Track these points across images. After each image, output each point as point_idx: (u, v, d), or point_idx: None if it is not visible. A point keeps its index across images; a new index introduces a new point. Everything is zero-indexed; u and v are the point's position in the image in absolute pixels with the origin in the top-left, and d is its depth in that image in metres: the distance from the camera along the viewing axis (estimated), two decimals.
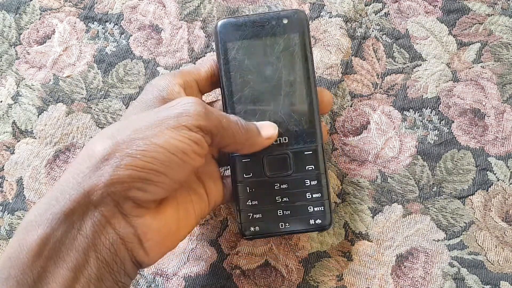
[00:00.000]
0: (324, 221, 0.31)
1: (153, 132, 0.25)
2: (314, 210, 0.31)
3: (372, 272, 0.34)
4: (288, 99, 0.31)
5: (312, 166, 0.31)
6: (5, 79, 0.39)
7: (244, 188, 0.31)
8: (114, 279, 0.25)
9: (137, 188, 0.24)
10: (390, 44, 0.38)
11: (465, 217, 0.34)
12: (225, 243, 0.35)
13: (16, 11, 0.41)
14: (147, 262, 0.26)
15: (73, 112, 0.38)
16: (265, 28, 0.31)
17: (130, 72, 0.39)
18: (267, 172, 0.31)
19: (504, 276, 0.33)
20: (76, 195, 0.24)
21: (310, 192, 0.31)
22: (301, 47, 0.31)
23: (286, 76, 0.31)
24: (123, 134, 0.25)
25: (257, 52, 0.31)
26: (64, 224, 0.23)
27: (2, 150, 0.38)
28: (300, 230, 0.31)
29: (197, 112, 0.26)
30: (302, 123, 0.31)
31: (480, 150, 0.36)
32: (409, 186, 0.35)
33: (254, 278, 0.34)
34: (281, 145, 0.31)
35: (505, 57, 0.37)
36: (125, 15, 0.40)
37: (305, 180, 0.31)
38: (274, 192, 0.31)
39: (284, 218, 0.31)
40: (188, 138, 0.25)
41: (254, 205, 0.31)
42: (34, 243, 0.23)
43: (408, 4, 0.39)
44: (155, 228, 0.26)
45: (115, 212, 0.24)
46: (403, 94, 0.37)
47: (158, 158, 0.24)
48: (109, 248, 0.24)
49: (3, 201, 0.37)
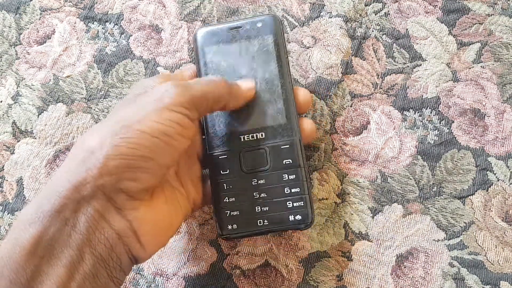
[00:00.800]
0: (305, 217, 0.30)
1: (136, 119, 0.25)
2: (294, 206, 0.30)
3: (372, 272, 0.34)
4: (264, 95, 0.31)
5: (289, 160, 0.30)
6: (5, 79, 0.39)
7: (221, 185, 0.30)
8: (110, 275, 0.24)
9: (127, 178, 0.24)
10: (390, 44, 0.38)
11: (465, 217, 0.34)
12: (225, 243, 0.35)
13: (16, 11, 0.41)
14: (143, 256, 0.26)
15: (73, 112, 0.38)
16: (240, 32, 0.32)
17: (130, 72, 0.39)
18: (244, 168, 0.30)
19: (504, 276, 0.33)
20: (65, 191, 0.23)
21: (289, 187, 0.30)
22: (275, 47, 0.32)
23: (261, 74, 0.32)
24: (108, 127, 0.25)
25: (233, 54, 0.32)
26: (56, 222, 0.23)
27: (2, 150, 0.38)
28: (279, 227, 0.30)
29: (175, 92, 0.26)
30: (278, 118, 0.31)
31: (480, 150, 0.36)
32: (409, 186, 0.35)
33: (254, 278, 0.34)
34: (257, 141, 0.31)
35: (505, 57, 0.37)
36: (125, 15, 0.40)
37: (283, 175, 0.30)
38: (251, 188, 0.30)
39: (263, 215, 0.30)
40: (170, 120, 0.25)
41: (232, 202, 0.30)
42: (27, 242, 0.23)
43: (408, 4, 0.39)
44: (150, 221, 0.26)
45: (108, 207, 0.24)
46: (403, 94, 0.37)
47: (143, 143, 0.24)
48: (104, 243, 0.24)
49: (3, 201, 0.37)
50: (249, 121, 0.31)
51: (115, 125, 0.25)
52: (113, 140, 0.24)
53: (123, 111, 0.26)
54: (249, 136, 0.31)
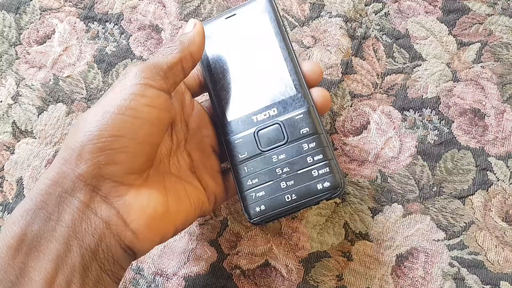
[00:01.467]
0: (333, 183, 0.28)
1: (102, 103, 0.25)
2: (319, 173, 0.28)
3: (372, 272, 0.34)
4: (269, 72, 0.31)
5: (306, 128, 0.29)
6: (5, 79, 0.39)
7: (242, 168, 0.30)
8: (102, 267, 0.24)
9: (105, 162, 0.24)
10: (390, 44, 0.38)
11: (465, 217, 0.34)
12: (225, 243, 0.35)
13: (16, 11, 0.41)
14: (138, 247, 0.25)
15: (73, 112, 0.38)
16: (236, 18, 0.33)
17: None
18: (262, 147, 0.30)
19: (504, 276, 0.33)
20: (45, 187, 0.24)
21: (311, 155, 0.29)
22: (272, 23, 0.32)
23: (263, 53, 0.32)
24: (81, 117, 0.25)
25: (232, 40, 0.32)
26: (38, 218, 0.23)
27: (2, 150, 0.38)
28: (309, 200, 0.28)
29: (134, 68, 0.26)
30: (287, 91, 0.31)
31: (480, 150, 0.36)
32: (409, 186, 0.35)
33: (254, 278, 0.34)
34: (270, 117, 0.30)
35: (505, 57, 0.37)
36: (125, 15, 0.40)
37: (302, 145, 0.29)
38: (272, 165, 0.29)
39: (289, 189, 0.28)
40: (132, 93, 0.25)
41: (255, 184, 0.29)
42: (12, 240, 0.23)
43: (408, 4, 0.39)
44: (138, 207, 0.25)
45: (93, 196, 0.24)
46: (403, 94, 0.37)
47: (109, 123, 0.24)
48: (92, 234, 0.24)
49: (3, 201, 0.37)
50: (258, 100, 0.31)
51: (85, 115, 0.25)
52: (85, 127, 0.24)
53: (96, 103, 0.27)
54: (261, 115, 0.30)
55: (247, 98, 0.31)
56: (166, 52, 0.28)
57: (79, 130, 0.24)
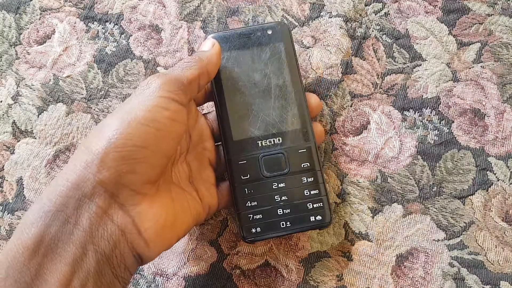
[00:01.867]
0: (325, 218, 0.31)
1: (126, 111, 0.26)
2: (314, 207, 0.31)
3: (372, 272, 0.34)
4: (279, 101, 0.32)
5: (307, 163, 0.31)
6: (5, 79, 0.39)
7: (242, 190, 0.31)
8: (114, 273, 0.24)
9: (126, 171, 0.24)
10: (390, 44, 0.38)
11: (465, 217, 0.34)
12: (225, 243, 0.35)
13: (16, 11, 0.41)
14: (147, 254, 0.26)
15: (73, 112, 0.38)
16: (251, 38, 0.33)
17: (130, 72, 0.39)
18: (264, 172, 0.31)
19: (504, 276, 0.33)
20: (65, 190, 0.24)
21: (308, 189, 0.31)
22: (287, 54, 0.33)
23: (275, 81, 0.33)
24: (104, 125, 0.26)
25: (246, 61, 0.33)
26: (57, 220, 0.23)
27: (2, 150, 0.38)
28: (301, 228, 0.31)
29: (157, 80, 0.27)
30: (294, 123, 0.32)
31: (480, 150, 0.36)
32: (409, 186, 0.35)
33: (254, 278, 0.34)
34: (275, 145, 0.32)
35: (505, 57, 0.37)
36: (125, 15, 0.40)
37: (302, 178, 0.31)
38: (272, 191, 0.31)
39: (285, 217, 0.31)
40: (156, 106, 0.26)
41: (254, 206, 0.31)
42: (30, 241, 0.23)
43: (408, 4, 0.39)
44: (152, 217, 0.26)
45: (111, 203, 0.24)
46: (403, 94, 0.37)
47: (134, 133, 0.25)
48: (108, 240, 0.24)
49: (3, 201, 0.37)
50: (266, 126, 0.32)
51: (109, 121, 0.26)
52: (109, 133, 0.25)
53: (118, 108, 0.27)
54: (266, 141, 0.32)
55: (254, 121, 0.32)
56: (186, 66, 0.29)
57: (103, 135, 0.25)
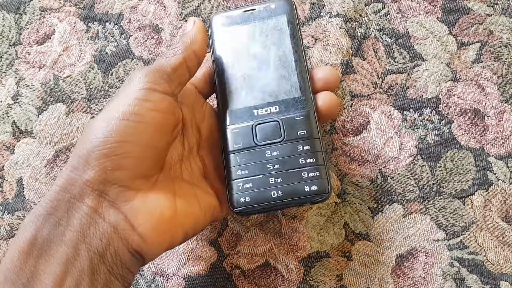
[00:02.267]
0: (321, 188, 0.28)
1: (107, 109, 0.26)
2: (309, 176, 0.29)
3: (372, 272, 0.34)
4: (278, 71, 0.32)
5: (304, 131, 0.30)
6: (5, 79, 0.39)
7: (234, 158, 0.30)
8: (111, 271, 0.25)
9: (112, 168, 0.24)
10: (390, 44, 0.38)
11: (465, 217, 0.34)
12: (225, 243, 0.35)
13: (16, 11, 0.41)
14: (146, 250, 0.25)
15: (73, 112, 0.38)
16: (254, 13, 0.33)
17: (130, 72, 0.39)
18: (258, 141, 0.30)
19: (504, 276, 0.33)
20: (54, 194, 0.25)
21: (304, 157, 0.29)
22: (289, 25, 0.32)
23: (275, 51, 0.32)
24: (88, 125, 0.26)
25: (248, 34, 0.33)
26: (48, 223, 0.24)
27: (2, 150, 0.38)
28: (294, 200, 0.29)
29: (137, 74, 0.27)
30: (292, 91, 0.31)
31: (480, 150, 0.36)
32: (409, 186, 0.35)
33: (254, 278, 0.34)
34: (271, 114, 0.31)
35: (505, 57, 0.37)
36: (125, 15, 0.40)
37: (297, 146, 0.29)
38: (265, 160, 0.29)
39: (276, 186, 0.29)
40: (136, 99, 0.26)
41: (244, 175, 0.29)
42: (23, 244, 0.24)
43: (408, 4, 0.39)
44: (146, 211, 0.25)
45: (101, 201, 0.25)
46: (403, 94, 0.37)
47: (114, 129, 0.25)
48: (100, 238, 0.24)
49: (3, 201, 0.37)
50: (263, 95, 0.31)
51: (92, 123, 0.26)
52: (91, 135, 0.25)
53: (102, 109, 0.27)
54: (263, 110, 0.31)
55: (251, 91, 0.31)
56: (170, 54, 0.28)
57: (86, 137, 0.25)
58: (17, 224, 0.36)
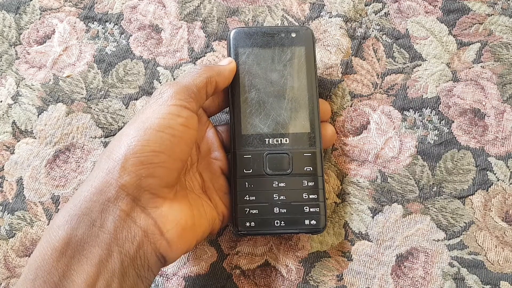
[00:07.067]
0: (319, 223, 0.31)
1: (141, 120, 0.27)
2: (310, 211, 0.31)
3: (372, 272, 0.34)
4: (292, 103, 0.33)
5: (310, 167, 0.32)
6: (5, 79, 0.39)
7: (243, 183, 0.31)
8: (138, 273, 0.25)
9: (146, 175, 0.26)
10: (390, 44, 0.38)
11: (465, 217, 0.34)
12: (225, 243, 0.35)
13: (16, 11, 0.41)
14: (170, 255, 0.26)
15: (73, 112, 0.38)
16: (275, 38, 0.34)
17: (130, 72, 0.39)
18: (267, 170, 0.32)
19: (504, 276, 0.33)
20: (90, 195, 0.25)
21: (307, 193, 0.31)
22: (307, 58, 0.33)
23: (291, 83, 0.33)
24: (123, 134, 0.27)
25: (266, 59, 0.33)
26: (83, 223, 0.25)
27: (2, 150, 0.38)
28: (294, 230, 0.31)
29: (169, 88, 0.28)
30: (304, 127, 0.32)
31: (480, 150, 0.36)
32: (409, 186, 0.35)
33: (254, 278, 0.34)
34: (281, 145, 0.32)
35: (505, 57, 0.37)
36: (125, 15, 0.40)
37: (302, 180, 0.32)
38: (272, 189, 0.31)
39: (280, 216, 0.31)
40: (170, 113, 0.27)
41: (252, 201, 0.31)
42: (57, 243, 0.24)
43: (408, 4, 0.39)
44: (173, 218, 0.27)
45: (133, 206, 0.26)
46: (403, 94, 0.37)
47: (151, 139, 0.26)
48: (132, 241, 0.25)
49: (3, 201, 0.37)
50: (275, 125, 0.32)
51: (127, 130, 0.27)
52: (128, 141, 0.26)
53: (133, 118, 0.28)
54: (273, 140, 0.32)
55: (265, 119, 0.32)
56: (195, 74, 0.30)
57: (122, 143, 0.26)
58: (17, 224, 0.36)
